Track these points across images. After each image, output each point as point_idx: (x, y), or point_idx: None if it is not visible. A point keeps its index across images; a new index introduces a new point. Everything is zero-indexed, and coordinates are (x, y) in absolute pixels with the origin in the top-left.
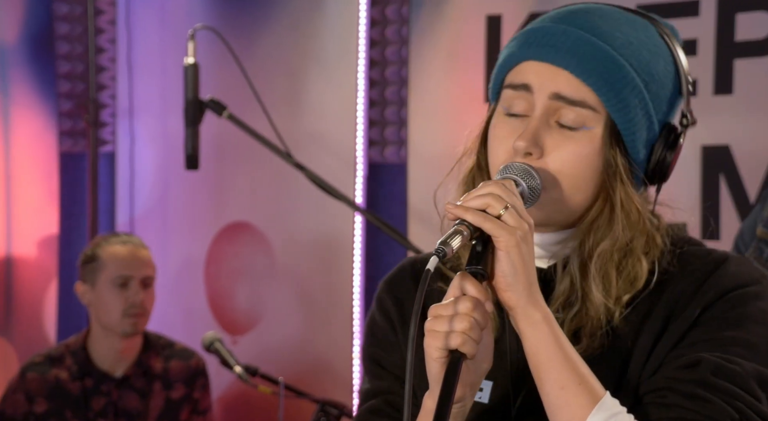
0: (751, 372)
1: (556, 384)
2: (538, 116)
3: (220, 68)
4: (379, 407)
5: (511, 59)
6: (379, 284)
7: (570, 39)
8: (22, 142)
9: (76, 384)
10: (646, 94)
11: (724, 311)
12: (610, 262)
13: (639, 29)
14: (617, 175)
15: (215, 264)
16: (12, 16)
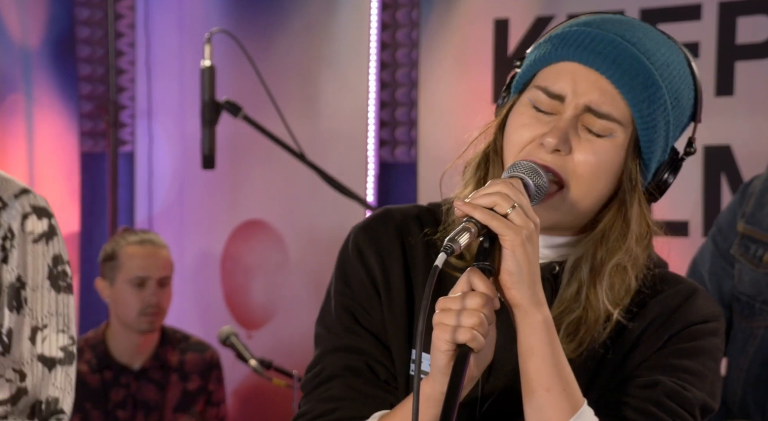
0: (699, 400)
1: (543, 386)
2: (568, 118)
3: (235, 71)
4: (359, 367)
5: (551, 56)
6: (355, 229)
7: (617, 48)
8: (45, 143)
9: (95, 377)
10: (671, 118)
11: (685, 340)
12: (621, 274)
13: (674, 53)
14: (635, 190)
15: (231, 260)
16: (35, 20)
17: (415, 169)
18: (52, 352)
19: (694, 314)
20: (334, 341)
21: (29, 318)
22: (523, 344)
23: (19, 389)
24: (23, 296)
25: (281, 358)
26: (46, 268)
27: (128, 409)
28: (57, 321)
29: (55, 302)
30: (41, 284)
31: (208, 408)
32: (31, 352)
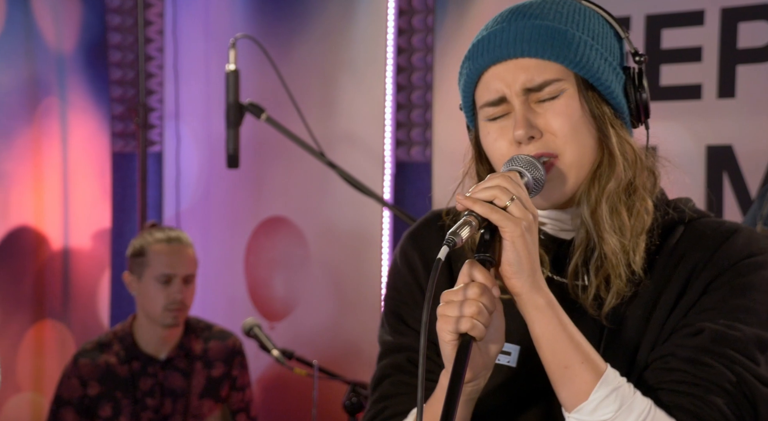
0: (751, 337)
1: (561, 363)
2: (519, 107)
3: (259, 74)
4: (401, 364)
5: (472, 77)
6: (404, 236)
7: (511, 31)
8: (78, 143)
9: (124, 367)
10: (597, 46)
11: (731, 278)
12: (619, 202)
13: (562, 3)
14: (606, 122)
15: (254, 255)
16: (69, 27)
17: (430, 168)
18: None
19: (737, 252)
20: (384, 344)
21: None
22: (533, 329)
23: None
24: None
25: (302, 348)
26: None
27: (156, 397)
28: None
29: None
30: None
31: (232, 393)
32: None
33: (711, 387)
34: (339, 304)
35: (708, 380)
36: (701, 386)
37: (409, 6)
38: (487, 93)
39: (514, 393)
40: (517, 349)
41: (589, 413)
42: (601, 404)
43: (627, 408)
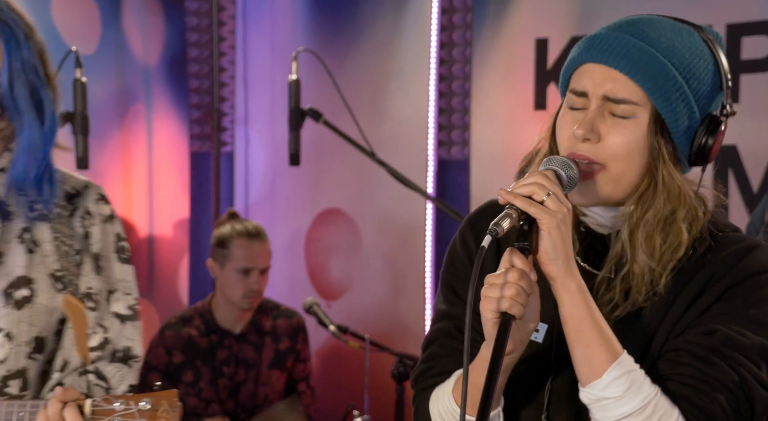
0: (757, 345)
1: (582, 343)
2: (593, 109)
3: (317, 83)
4: (450, 330)
5: (573, 63)
6: (464, 221)
7: (621, 44)
8: (161, 144)
9: (204, 339)
10: (687, 89)
11: (748, 290)
12: (655, 230)
13: (683, 35)
14: (660, 157)
15: (313, 242)
16: (154, 43)
17: (468, 166)
18: (123, 310)
19: (755, 266)
20: (438, 312)
21: (105, 283)
22: (563, 310)
23: (104, 339)
24: (101, 265)
25: (355, 324)
26: (113, 243)
27: (231, 366)
28: (124, 286)
29: (122, 270)
30: (111, 256)
31: (296, 364)
32: (108, 310)
33: (715, 384)
34: (388, 285)
35: (714, 377)
36: (707, 382)
37: (450, 22)
38: (577, 82)
39: (539, 365)
40: (545, 327)
41: (600, 389)
42: (612, 383)
43: (635, 390)
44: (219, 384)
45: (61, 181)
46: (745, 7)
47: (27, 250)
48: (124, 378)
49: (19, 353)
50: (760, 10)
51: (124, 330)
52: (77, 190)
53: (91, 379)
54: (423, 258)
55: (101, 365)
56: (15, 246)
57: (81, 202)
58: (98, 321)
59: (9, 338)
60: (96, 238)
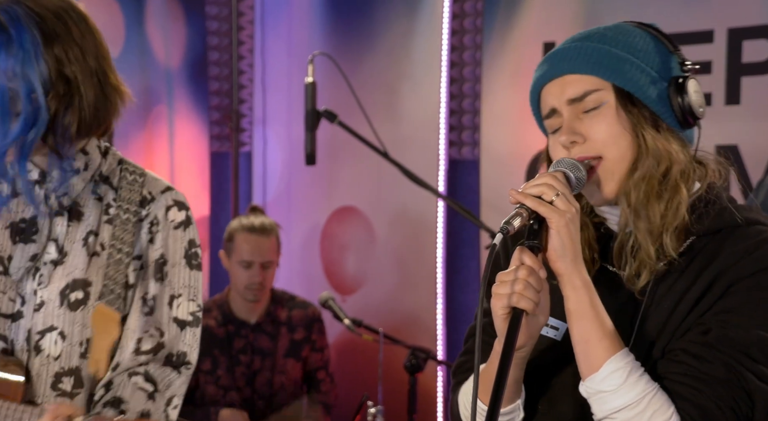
0: (753, 339)
1: (583, 337)
2: (566, 117)
3: (333, 85)
4: (485, 326)
5: (533, 94)
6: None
7: (558, 54)
8: (183, 144)
9: (221, 329)
10: (634, 59)
11: (749, 288)
12: (650, 192)
13: (610, 28)
14: (639, 125)
15: (328, 239)
16: (176, 47)
17: (478, 165)
18: (184, 316)
19: (761, 261)
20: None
21: (168, 288)
22: (567, 305)
23: (159, 343)
24: (165, 271)
25: (369, 318)
26: (183, 249)
27: (248, 354)
28: (188, 292)
29: (188, 276)
30: (179, 262)
31: (312, 353)
32: (169, 315)
33: (710, 381)
34: (400, 280)
35: (709, 374)
36: (701, 380)
37: (461, 26)
38: (544, 108)
39: (558, 361)
40: (565, 326)
41: (597, 382)
42: (608, 376)
43: (631, 384)
44: (236, 372)
45: (141, 185)
46: (746, 12)
47: (90, 253)
48: (172, 384)
49: (71, 352)
50: (760, 14)
51: (184, 336)
52: (153, 196)
53: (138, 381)
54: (434, 254)
55: (152, 367)
56: (78, 248)
57: (153, 208)
58: (155, 325)
59: (63, 337)
60: (159, 244)
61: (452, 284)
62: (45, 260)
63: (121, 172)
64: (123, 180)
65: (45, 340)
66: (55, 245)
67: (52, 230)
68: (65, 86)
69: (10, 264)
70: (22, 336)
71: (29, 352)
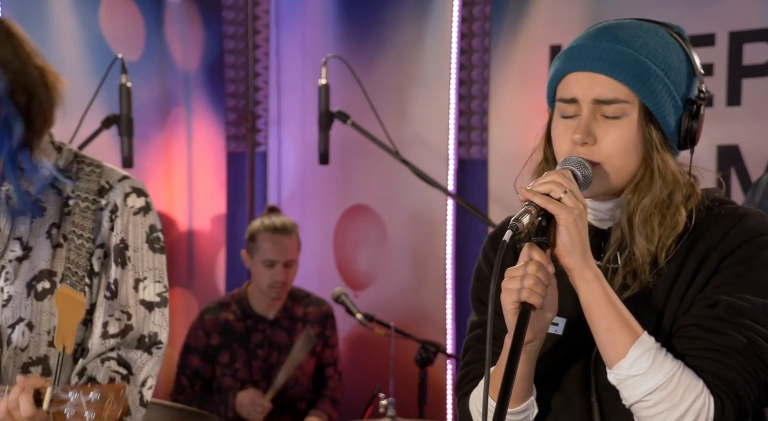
0: (759, 307)
1: (604, 327)
2: (586, 114)
3: (345, 87)
4: (483, 337)
5: (558, 74)
6: (486, 239)
7: (599, 49)
8: (200, 145)
9: (240, 324)
10: (667, 80)
11: (740, 256)
12: (653, 214)
13: (652, 33)
14: (653, 146)
15: (341, 236)
16: (194, 51)
17: (486, 165)
18: (151, 297)
19: (746, 232)
20: (471, 324)
21: (132, 272)
22: (583, 299)
23: (126, 326)
24: (127, 255)
25: (381, 313)
26: (144, 234)
27: (265, 348)
28: (154, 274)
29: (152, 259)
30: (141, 246)
31: (325, 349)
32: (135, 298)
33: (729, 352)
34: (411, 276)
35: (726, 345)
36: (720, 351)
37: (470, 30)
38: (565, 91)
39: (560, 356)
40: (564, 321)
41: (626, 368)
42: (636, 361)
43: (658, 366)
44: (253, 366)
45: (98, 176)
46: (746, 15)
47: (53, 245)
48: (144, 365)
49: (39, 341)
50: (760, 18)
51: (153, 316)
52: (111, 185)
53: (112, 365)
54: (444, 251)
55: (124, 351)
56: (42, 241)
57: (111, 196)
58: (120, 309)
59: (30, 327)
60: (118, 230)
61: (461, 280)
62: (9, 258)
63: (78, 164)
64: (80, 172)
65: (14, 333)
66: (19, 242)
67: (15, 229)
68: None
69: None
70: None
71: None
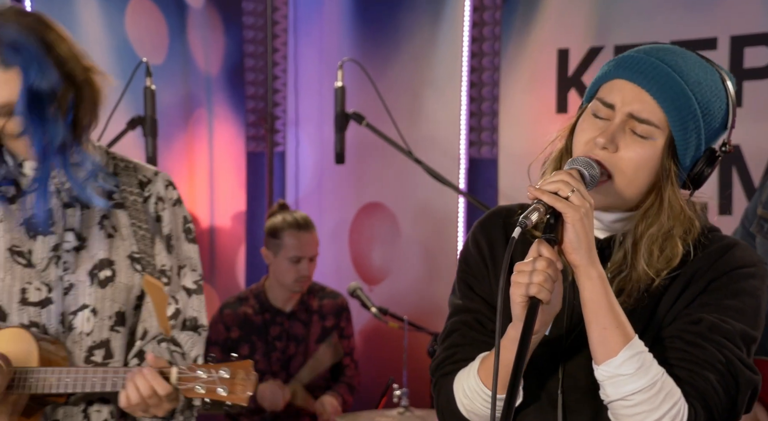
0: (738, 331)
1: (600, 325)
2: (617, 123)
3: (361, 89)
4: (470, 322)
5: (607, 76)
6: (474, 224)
7: (656, 69)
8: (221, 145)
9: (258, 317)
10: (702, 124)
11: (726, 284)
12: (655, 243)
13: (708, 73)
14: (668, 178)
15: (357, 233)
16: (215, 55)
17: (496, 164)
18: (190, 284)
19: (734, 262)
20: (454, 306)
21: (176, 260)
22: (584, 295)
23: (177, 309)
24: (171, 244)
25: (395, 306)
26: (181, 224)
27: (283, 340)
28: (190, 263)
29: (188, 249)
30: (180, 236)
31: (341, 340)
32: (178, 284)
33: (705, 365)
34: (424, 271)
35: (703, 359)
36: (698, 364)
37: (480, 34)
38: (607, 94)
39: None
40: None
41: (615, 367)
42: (625, 362)
43: (645, 369)
44: (272, 357)
45: (134, 171)
46: (748, 20)
47: (107, 235)
48: (195, 345)
49: (102, 326)
50: (760, 23)
51: (192, 302)
52: (148, 179)
53: (168, 346)
54: (455, 247)
55: (175, 332)
56: (96, 232)
57: (153, 189)
58: (171, 294)
59: (94, 313)
60: (167, 220)
61: None
62: (66, 248)
63: (112, 160)
64: (116, 167)
65: (77, 319)
66: (72, 233)
67: (67, 221)
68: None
69: (31, 257)
70: (55, 320)
71: (64, 333)
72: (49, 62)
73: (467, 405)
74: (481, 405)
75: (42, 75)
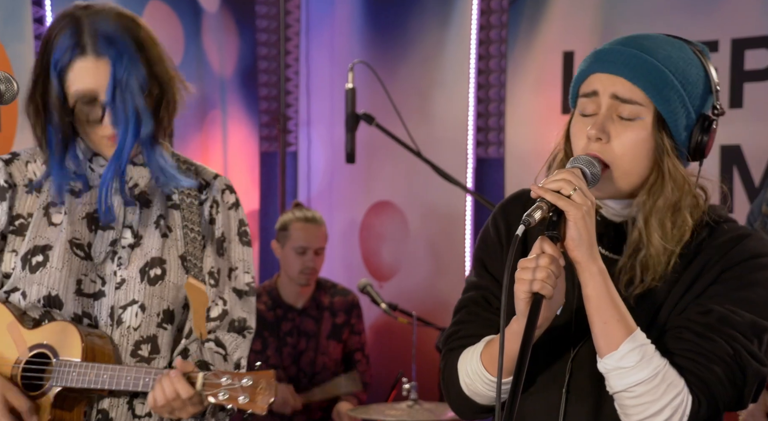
0: (749, 322)
1: (602, 319)
2: (603, 112)
3: (370, 91)
4: (477, 299)
5: (583, 74)
6: (497, 206)
7: (624, 55)
8: (235, 145)
9: (270, 313)
10: (683, 92)
11: (740, 273)
12: (666, 215)
13: (676, 47)
14: (665, 151)
15: (367, 230)
16: (229, 57)
17: (503, 163)
18: (241, 286)
19: (746, 252)
20: (469, 283)
21: (227, 262)
22: (585, 290)
23: (223, 311)
24: (224, 247)
25: (404, 302)
26: (236, 228)
27: (294, 336)
28: (243, 265)
29: (242, 251)
30: (234, 239)
31: (351, 336)
32: (229, 286)
33: (713, 357)
34: (432, 268)
35: (711, 351)
36: (705, 356)
37: (487, 37)
38: (587, 87)
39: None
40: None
41: (617, 359)
42: (627, 354)
43: (646, 361)
44: (283, 353)
45: (195, 173)
46: (748, 23)
47: (161, 234)
48: (238, 347)
49: (150, 322)
50: (760, 26)
51: (241, 304)
52: (207, 182)
53: (211, 346)
54: (463, 244)
55: (220, 333)
56: (152, 231)
57: (210, 192)
58: (219, 295)
59: (143, 309)
60: (219, 223)
61: None
62: (123, 244)
63: (178, 161)
64: (179, 169)
65: (126, 313)
66: (130, 230)
67: (126, 218)
68: (157, 86)
69: (91, 250)
70: (105, 312)
71: (112, 326)
72: (139, 59)
73: (469, 385)
74: (483, 387)
75: (130, 70)
